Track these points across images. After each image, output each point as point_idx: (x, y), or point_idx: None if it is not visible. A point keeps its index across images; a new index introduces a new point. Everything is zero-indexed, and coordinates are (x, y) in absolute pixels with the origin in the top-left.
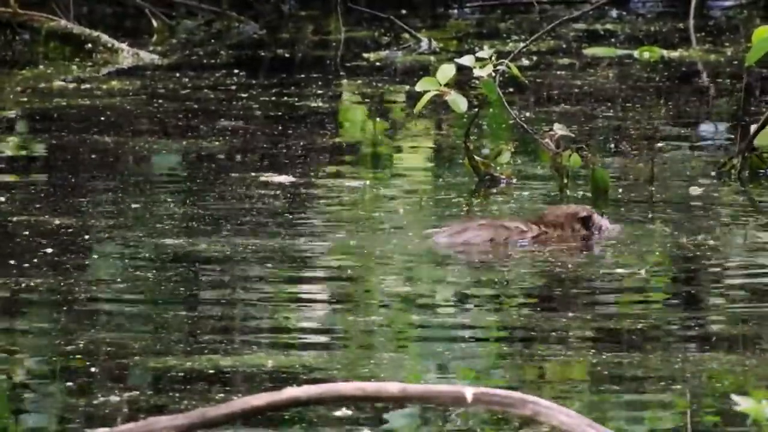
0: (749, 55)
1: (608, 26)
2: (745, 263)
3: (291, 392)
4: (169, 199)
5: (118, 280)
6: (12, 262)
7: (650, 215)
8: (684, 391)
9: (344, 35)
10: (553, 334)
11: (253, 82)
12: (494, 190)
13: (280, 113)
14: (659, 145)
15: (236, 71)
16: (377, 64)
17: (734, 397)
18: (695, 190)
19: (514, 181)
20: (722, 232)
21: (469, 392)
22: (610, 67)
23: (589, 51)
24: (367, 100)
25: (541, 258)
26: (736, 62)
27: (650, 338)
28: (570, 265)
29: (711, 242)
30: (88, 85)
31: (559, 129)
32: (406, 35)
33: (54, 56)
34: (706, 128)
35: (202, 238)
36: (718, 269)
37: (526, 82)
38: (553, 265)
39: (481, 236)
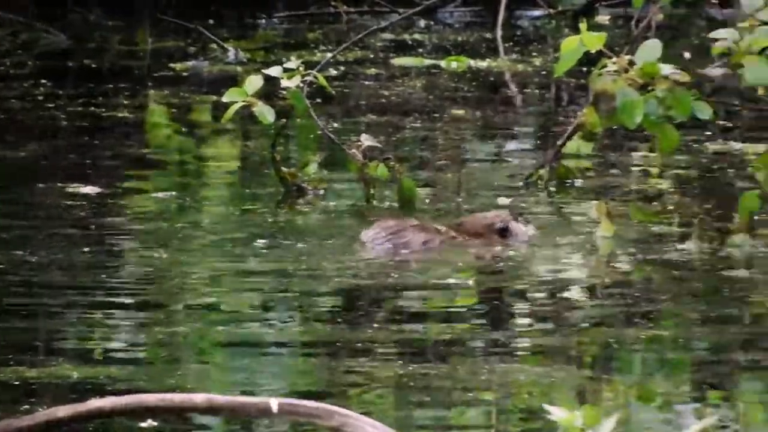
0: (558, 66)
1: (416, 36)
2: (551, 275)
3: (96, 403)
4: None
5: None
6: None
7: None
8: (490, 402)
9: (152, 45)
10: (360, 345)
11: (60, 92)
12: (301, 201)
13: (86, 123)
14: (467, 155)
15: (43, 81)
16: (184, 74)
17: (546, 407)
18: (503, 201)
19: (322, 191)
20: (529, 243)
21: (274, 404)
22: (418, 77)
23: (397, 61)
24: (174, 110)
25: (358, 268)
26: (544, 72)
27: (457, 349)
28: (389, 276)
29: (518, 253)
30: None
31: (366, 139)
32: (214, 45)
33: None
34: (513, 138)
35: (7, 249)
36: (525, 280)
37: (334, 92)
38: (364, 277)
39: (416, 240)
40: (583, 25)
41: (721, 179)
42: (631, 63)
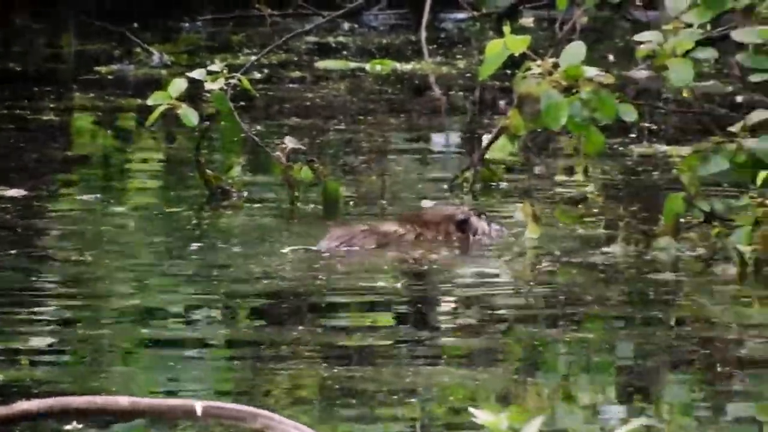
0: (482, 69)
1: (340, 39)
2: (476, 277)
3: (22, 406)
4: None
5: None
6: None
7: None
8: (415, 405)
9: (76, 48)
10: (284, 347)
11: None
12: (225, 203)
13: (11, 126)
14: (391, 158)
15: None
16: (109, 77)
17: (472, 410)
18: (427, 204)
19: (246, 194)
20: (454, 246)
21: (198, 406)
22: (342, 80)
23: (321, 64)
24: (99, 113)
25: (282, 270)
26: (468, 75)
27: (382, 352)
28: (314, 279)
29: (442, 256)
30: None
31: (290, 142)
32: (139, 49)
33: None
34: (438, 141)
35: None
36: (450, 282)
37: (258, 95)
38: (289, 279)
39: (368, 244)
40: (507, 28)
41: (646, 182)
42: (556, 66)
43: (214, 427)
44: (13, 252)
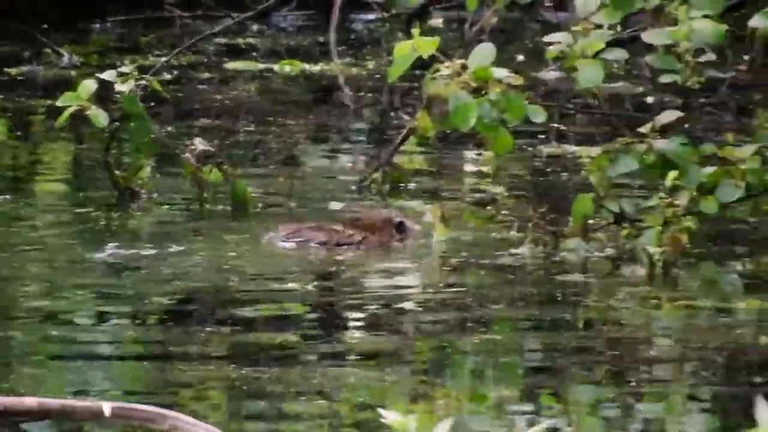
0: (391, 71)
1: (249, 40)
2: (385, 278)
3: None
4: None
5: None
6: None
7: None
8: (323, 407)
9: None
10: (193, 348)
11: None
12: (134, 204)
13: None
14: (300, 159)
15: None
16: (19, 78)
17: (381, 411)
18: (335, 205)
19: (155, 195)
20: (364, 246)
21: (107, 407)
22: (252, 81)
23: (230, 65)
24: (8, 114)
25: (191, 272)
26: (377, 76)
27: (290, 353)
28: (223, 280)
29: (350, 256)
30: None
31: (199, 143)
32: (48, 50)
33: None
34: (347, 142)
35: None
36: (358, 284)
37: (167, 96)
38: (198, 280)
39: (317, 237)
40: (416, 30)
41: (555, 183)
42: (465, 67)
43: (123, 428)
44: None
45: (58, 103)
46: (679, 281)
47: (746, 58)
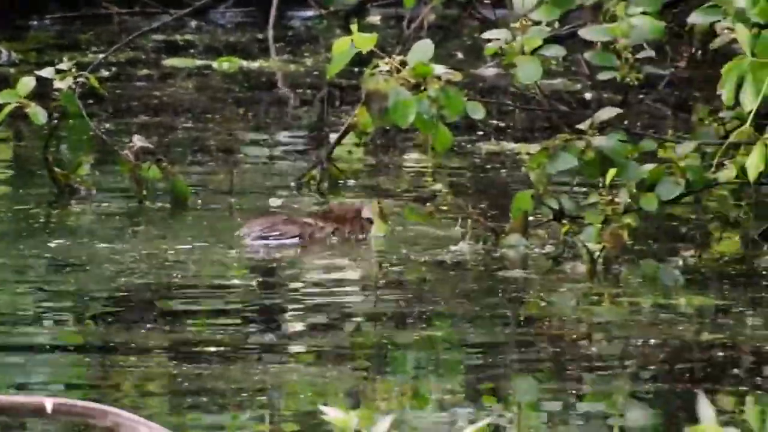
0: (330, 68)
1: (187, 37)
2: (325, 275)
3: None
4: None
5: None
6: None
7: (229, 225)
8: (264, 403)
9: None
10: (133, 345)
11: None
12: (74, 201)
13: None
14: (239, 156)
15: None
16: None
17: (321, 408)
18: (275, 201)
19: (94, 192)
20: (304, 244)
21: (49, 403)
22: (190, 78)
23: (169, 62)
24: None
25: (132, 268)
26: (316, 72)
27: (231, 350)
28: (164, 276)
29: (292, 253)
30: None
31: (138, 140)
32: None
33: None
34: (285, 139)
35: None
36: (296, 281)
37: (106, 93)
38: (139, 276)
39: (291, 231)
40: (354, 26)
41: (495, 179)
42: (403, 63)
43: (65, 424)
44: None
45: None
46: (620, 277)
47: (685, 54)
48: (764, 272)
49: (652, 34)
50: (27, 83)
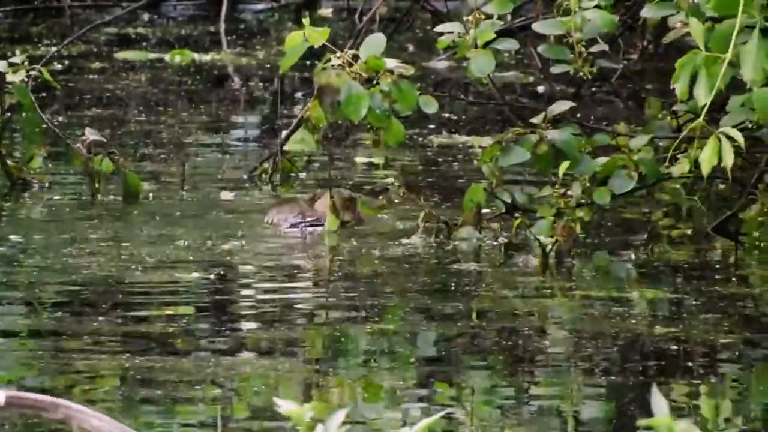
0: (283, 62)
1: (140, 30)
2: (276, 268)
3: None
4: None
5: None
6: None
7: (183, 220)
8: (216, 396)
9: None
10: (86, 337)
11: None
12: (26, 195)
13: None
14: (191, 149)
15: None
16: None
17: (276, 400)
18: (227, 195)
19: (47, 185)
20: (251, 237)
21: (1, 396)
22: (142, 70)
23: (121, 55)
24: None
25: (82, 261)
26: (268, 66)
27: (182, 342)
28: (113, 269)
29: (241, 246)
30: None
31: (91, 133)
32: None
33: None
34: (238, 132)
35: None
36: (248, 273)
37: (59, 86)
38: (90, 269)
39: (321, 218)
40: (306, 20)
41: (447, 172)
42: (356, 57)
43: (15, 417)
44: None
45: None
46: (573, 271)
47: (638, 46)
48: (717, 266)
49: (606, 27)
50: None
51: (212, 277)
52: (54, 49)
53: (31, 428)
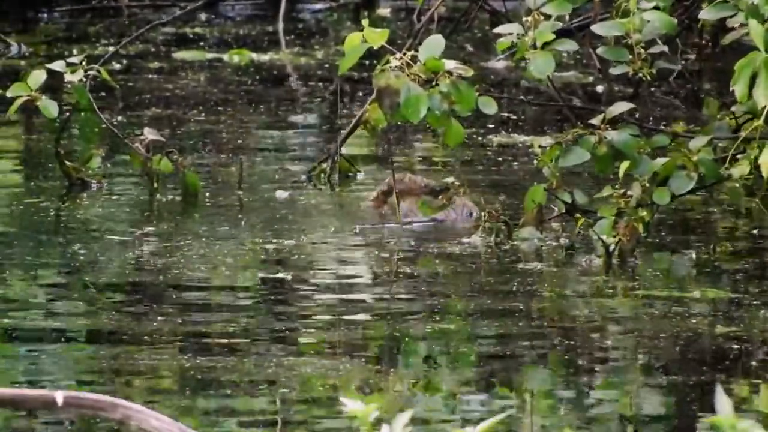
0: (342, 63)
1: (197, 30)
2: (337, 267)
3: None
4: None
5: None
6: None
7: (241, 219)
8: (276, 395)
9: None
10: (145, 337)
11: None
12: (85, 195)
13: None
14: (249, 148)
15: None
16: None
17: (342, 400)
18: (282, 194)
19: (105, 185)
20: (311, 237)
21: (59, 396)
22: (201, 70)
23: (179, 55)
24: None
25: (143, 261)
26: (326, 65)
27: (243, 342)
28: (174, 269)
29: (301, 247)
30: None
31: (149, 133)
32: None
33: None
34: (296, 132)
35: None
36: (309, 274)
37: (117, 86)
38: (150, 269)
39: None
40: (365, 21)
41: (507, 172)
42: (414, 58)
43: (75, 417)
44: None
45: (8, 94)
46: (635, 270)
47: (696, 46)
48: None
49: (665, 29)
50: (38, 76)
51: (272, 276)
52: (112, 48)
53: (91, 428)
